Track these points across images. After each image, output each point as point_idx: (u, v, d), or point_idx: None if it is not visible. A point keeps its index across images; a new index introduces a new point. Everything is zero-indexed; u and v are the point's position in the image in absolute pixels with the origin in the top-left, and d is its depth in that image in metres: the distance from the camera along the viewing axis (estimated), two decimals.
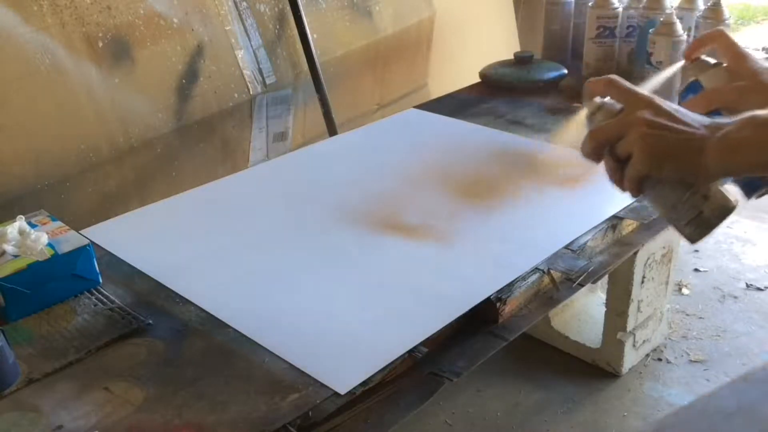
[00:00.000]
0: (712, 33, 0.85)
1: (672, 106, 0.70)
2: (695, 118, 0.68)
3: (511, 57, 1.60)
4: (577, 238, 0.95)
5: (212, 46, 1.54)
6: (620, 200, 1.04)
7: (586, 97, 0.75)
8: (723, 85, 0.82)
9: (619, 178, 0.72)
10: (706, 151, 0.66)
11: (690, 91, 0.83)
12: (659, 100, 0.70)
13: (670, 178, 0.70)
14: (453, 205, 1.07)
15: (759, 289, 1.78)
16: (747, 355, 1.54)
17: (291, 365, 0.73)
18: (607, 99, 0.74)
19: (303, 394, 0.69)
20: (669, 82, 0.85)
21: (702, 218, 0.71)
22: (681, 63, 0.86)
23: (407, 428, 1.30)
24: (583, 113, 0.75)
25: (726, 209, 0.71)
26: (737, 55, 0.82)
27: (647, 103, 0.70)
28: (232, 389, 0.71)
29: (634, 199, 1.04)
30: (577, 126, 0.76)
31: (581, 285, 0.89)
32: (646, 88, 0.75)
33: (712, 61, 0.84)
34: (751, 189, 0.86)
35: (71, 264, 0.84)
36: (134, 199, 1.43)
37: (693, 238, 0.74)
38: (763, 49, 1.57)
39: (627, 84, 0.73)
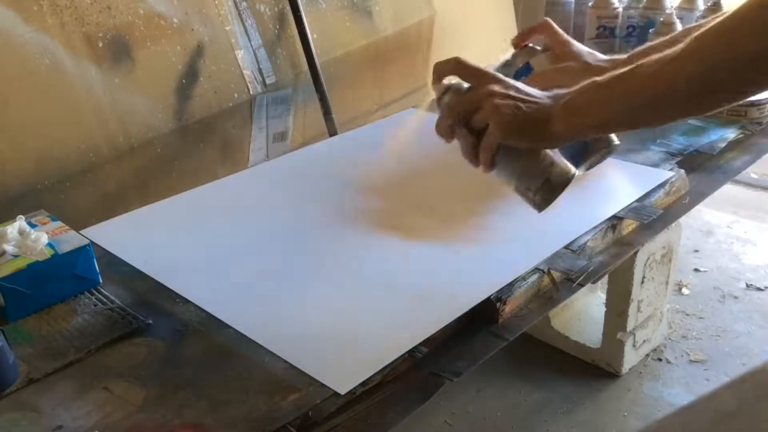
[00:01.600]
0: (540, 23, 0.96)
1: (516, 82, 0.76)
2: (537, 92, 0.75)
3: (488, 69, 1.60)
4: (577, 238, 0.95)
5: (212, 46, 1.54)
6: (620, 200, 1.04)
7: (434, 81, 0.80)
8: (551, 66, 0.92)
9: (474, 151, 0.77)
10: (553, 118, 0.72)
11: (522, 74, 0.91)
12: (503, 77, 0.77)
13: (520, 151, 0.76)
14: (453, 205, 1.07)
15: (759, 289, 1.78)
16: (747, 355, 1.54)
17: (291, 365, 0.73)
18: (455, 80, 0.79)
19: (303, 394, 0.69)
20: (502, 69, 0.95)
21: (549, 184, 0.76)
22: (512, 51, 0.95)
23: (407, 428, 1.30)
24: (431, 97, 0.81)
25: (570, 174, 0.77)
26: (562, 41, 0.94)
27: (495, 79, 0.76)
28: (232, 389, 0.71)
29: (634, 200, 1.04)
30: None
31: (581, 285, 0.89)
32: (490, 68, 0.82)
33: (539, 47, 0.95)
34: (576, 159, 0.92)
35: (71, 264, 0.84)
36: (134, 199, 1.43)
37: (541, 205, 0.78)
38: None
39: (472, 63, 0.79)
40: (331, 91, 1.72)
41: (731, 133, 1.29)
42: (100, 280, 0.88)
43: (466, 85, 0.78)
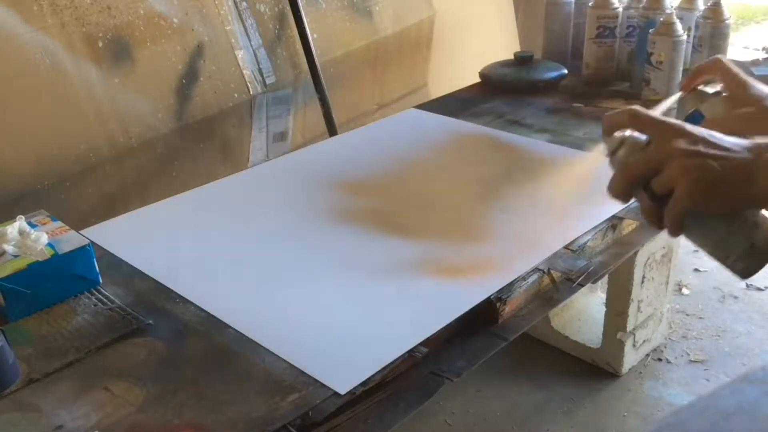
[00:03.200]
0: (711, 62, 0.82)
1: (704, 130, 0.64)
2: (732, 141, 0.63)
3: (511, 57, 1.60)
4: (577, 238, 0.95)
5: (212, 46, 1.54)
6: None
7: (605, 133, 0.69)
8: (726, 113, 0.79)
9: (658, 216, 0.65)
10: (756, 176, 0.60)
11: (691, 122, 0.75)
12: (690, 126, 0.64)
13: (715, 211, 0.64)
14: (453, 205, 1.07)
15: (759, 289, 1.78)
16: (747, 355, 1.54)
17: (291, 365, 0.73)
18: (628, 132, 0.67)
19: (303, 394, 0.69)
20: (668, 114, 0.78)
21: (755, 249, 0.64)
22: (679, 94, 0.83)
23: (407, 428, 1.30)
24: (602, 149, 0.70)
25: None
26: (738, 82, 0.79)
27: (679, 132, 0.63)
28: (232, 389, 0.71)
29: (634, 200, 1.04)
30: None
31: (581, 285, 0.89)
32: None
33: (711, 90, 0.82)
34: None
35: (71, 264, 0.84)
36: (134, 199, 1.43)
37: (747, 273, 0.66)
38: (763, 49, 1.57)
39: (650, 113, 0.67)
40: (331, 91, 1.72)
41: None
42: (100, 280, 0.88)
43: (644, 137, 0.66)
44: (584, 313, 1.59)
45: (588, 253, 0.95)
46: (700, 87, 0.82)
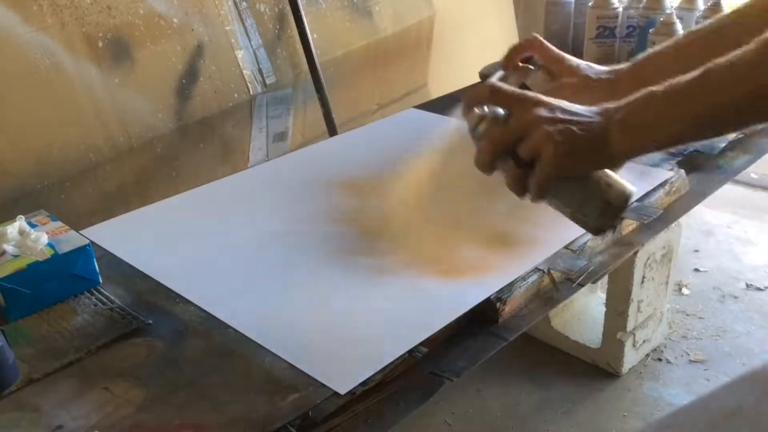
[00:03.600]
0: (528, 40, 0.88)
1: (559, 101, 0.68)
2: (584, 108, 0.68)
3: None
4: (577, 238, 0.95)
5: (212, 46, 1.54)
6: None
7: (466, 109, 0.72)
8: (548, 85, 0.85)
9: (522, 183, 0.69)
10: (610, 137, 0.65)
11: None
12: (546, 97, 0.68)
13: (570, 176, 0.69)
14: (453, 205, 1.07)
15: (759, 289, 1.78)
16: (747, 355, 1.54)
17: (291, 365, 0.73)
18: (487, 108, 0.71)
19: (303, 394, 0.69)
20: None
21: (610, 207, 0.70)
22: (500, 72, 0.87)
23: (407, 428, 1.30)
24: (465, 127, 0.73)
25: (629, 193, 0.70)
26: (555, 57, 0.87)
27: (537, 102, 0.68)
28: (232, 389, 0.71)
29: (634, 200, 1.04)
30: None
31: (581, 285, 0.89)
32: None
33: (532, 66, 0.87)
34: None
35: (71, 264, 0.84)
36: (134, 199, 1.43)
37: (602, 229, 0.73)
38: None
39: (509, 87, 0.71)
40: (331, 91, 1.72)
41: (731, 133, 1.29)
42: (100, 280, 0.88)
43: (502, 111, 0.70)
44: (584, 313, 1.59)
45: (588, 253, 0.94)
46: (521, 64, 0.88)
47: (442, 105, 1.52)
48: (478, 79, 1.62)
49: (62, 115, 1.32)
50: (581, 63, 0.87)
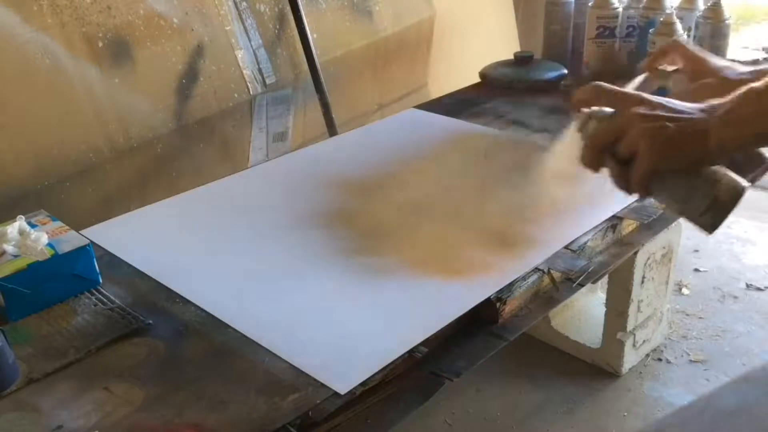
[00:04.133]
0: (670, 44, 0.91)
1: (662, 98, 0.70)
2: (688, 105, 0.69)
3: (511, 57, 1.60)
4: (577, 238, 0.95)
5: (212, 46, 1.54)
6: (620, 200, 1.04)
7: (574, 111, 0.76)
8: (691, 86, 0.86)
9: (625, 180, 0.71)
10: (710, 132, 0.66)
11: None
12: (648, 95, 0.71)
13: (676, 171, 0.70)
14: (453, 206, 1.07)
15: (759, 289, 1.78)
16: (747, 355, 1.54)
17: (291, 365, 0.73)
18: (595, 108, 0.74)
19: (303, 394, 0.69)
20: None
21: (718, 204, 0.70)
22: (644, 75, 0.89)
23: (407, 428, 1.30)
24: (574, 128, 0.76)
25: (740, 189, 0.71)
26: (696, 58, 0.88)
27: (638, 100, 0.71)
28: (232, 389, 0.71)
29: (634, 200, 1.04)
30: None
31: (581, 285, 0.89)
32: None
33: (672, 67, 0.90)
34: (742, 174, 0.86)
35: (71, 264, 0.84)
36: (134, 199, 1.43)
37: (711, 226, 0.72)
38: (764, 49, 1.57)
39: (612, 87, 0.73)
40: (331, 91, 1.72)
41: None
42: (100, 280, 0.88)
43: (609, 110, 0.73)
44: (584, 313, 1.59)
45: (588, 253, 0.95)
46: (662, 66, 0.90)
47: (442, 105, 1.52)
48: (478, 79, 1.63)
49: (62, 116, 1.32)
50: (722, 64, 0.87)
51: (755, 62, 0.84)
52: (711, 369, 1.50)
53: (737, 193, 0.70)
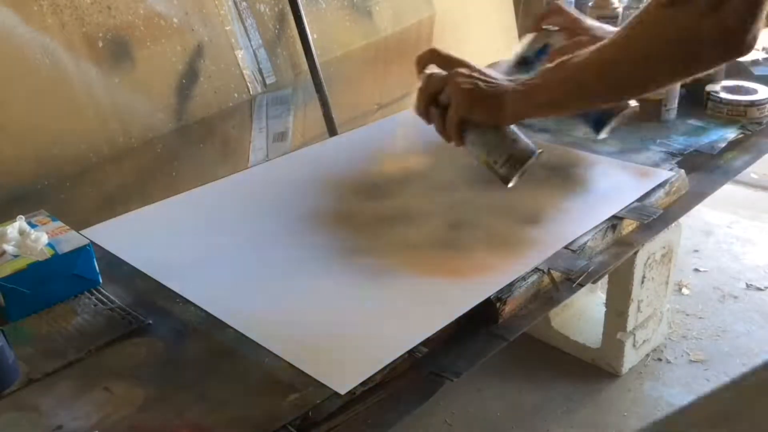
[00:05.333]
0: (552, 6, 1.06)
1: (482, 67, 0.88)
2: (501, 77, 0.86)
3: (511, 57, 1.60)
4: (577, 238, 0.95)
5: (212, 46, 1.54)
6: (620, 200, 1.04)
7: (417, 72, 0.92)
8: (568, 42, 1.00)
9: (442, 125, 0.88)
10: (506, 96, 0.83)
11: (542, 53, 1.01)
12: (473, 63, 0.88)
13: (484, 127, 0.87)
14: (453, 205, 1.07)
15: (759, 289, 1.78)
16: (747, 355, 1.54)
17: (291, 365, 0.73)
18: (433, 69, 0.91)
19: (303, 394, 0.69)
20: (524, 52, 1.04)
21: (512, 159, 0.88)
22: (532, 35, 1.04)
23: (407, 428, 1.30)
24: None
25: (529, 151, 0.88)
26: (573, 18, 1.03)
27: (463, 64, 0.89)
28: (232, 389, 0.71)
29: (634, 200, 1.04)
30: None
31: (581, 285, 0.89)
32: (512, 55, 1.00)
33: (554, 28, 1.04)
34: (598, 125, 1.04)
35: (71, 264, 0.84)
36: (134, 199, 1.43)
37: (505, 178, 0.89)
38: (763, 49, 1.57)
39: (446, 51, 0.92)
40: (331, 91, 1.72)
41: (731, 133, 1.29)
42: (100, 280, 0.88)
43: (444, 72, 0.89)
44: (584, 313, 1.60)
45: (588, 253, 0.95)
46: (545, 26, 1.04)
47: None
48: None
49: (62, 115, 1.32)
50: (595, 24, 1.03)
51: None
52: (711, 369, 1.50)
53: (527, 154, 0.88)
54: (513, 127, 0.89)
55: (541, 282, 0.88)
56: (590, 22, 1.03)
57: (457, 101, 0.85)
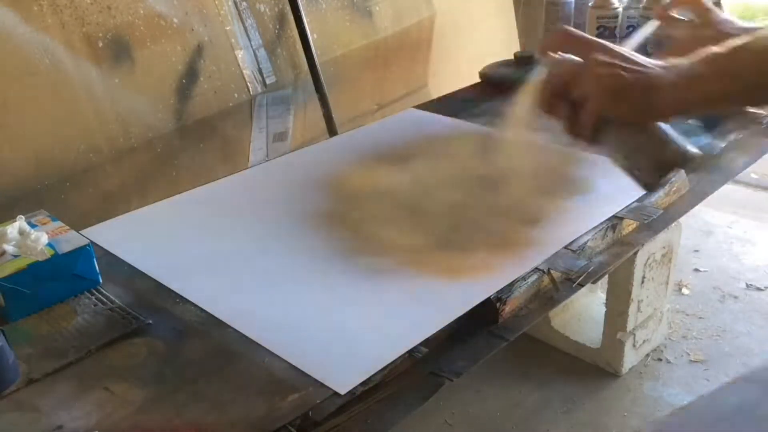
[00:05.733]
0: None
1: (626, 49, 0.70)
2: (650, 61, 0.69)
3: (511, 57, 1.60)
4: (577, 238, 0.95)
5: (212, 46, 1.54)
6: (620, 200, 1.04)
7: (542, 55, 0.75)
8: (691, 35, 0.89)
9: (573, 124, 0.71)
10: (661, 88, 0.67)
11: (663, 45, 0.90)
12: (612, 45, 0.70)
13: (623, 125, 0.69)
14: (452, 205, 1.07)
15: (759, 289, 1.78)
16: (747, 355, 1.54)
17: (291, 365, 0.73)
18: (563, 54, 0.73)
19: (303, 394, 0.69)
20: (645, 40, 0.92)
21: (660, 164, 0.72)
22: (657, 23, 0.94)
23: (407, 428, 1.30)
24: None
25: (687, 153, 0.71)
26: (704, 9, 0.91)
27: (601, 47, 0.70)
28: (232, 389, 0.71)
29: (634, 200, 1.04)
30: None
31: (581, 285, 0.89)
32: (628, 46, 0.78)
33: (681, 17, 0.94)
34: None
35: (71, 264, 0.84)
36: (134, 199, 1.43)
37: (648, 186, 0.76)
38: None
39: (580, 33, 0.74)
40: (331, 91, 1.72)
41: (731, 133, 1.29)
42: (100, 280, 0.88)
43: (576, 58, 0.72)
44: (584, 313, 1.59)
45: (588, 253, 0.94)
46: (672, 14, 0.94)
47: (442, 105, 1.52)
48: (478, 79, 1.63)
49: (62, 115, 1.32)
50: (726, 17, 0.90)
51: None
52: (711, 369, 1.50)
53: (681, 157, 0.71)
54: (662, 124, 0.73)
55: (541, 282, 0.88)
56: (722, 15, 0.92)
57: (596, 96, 0.68)
